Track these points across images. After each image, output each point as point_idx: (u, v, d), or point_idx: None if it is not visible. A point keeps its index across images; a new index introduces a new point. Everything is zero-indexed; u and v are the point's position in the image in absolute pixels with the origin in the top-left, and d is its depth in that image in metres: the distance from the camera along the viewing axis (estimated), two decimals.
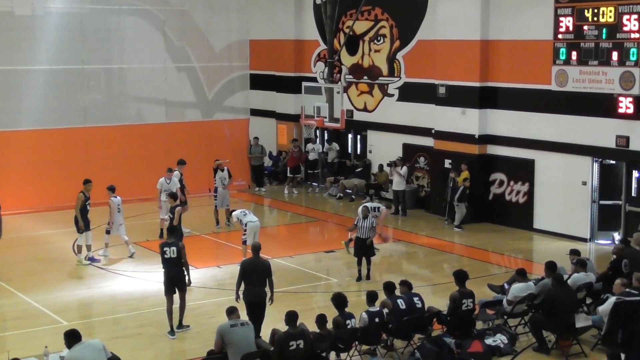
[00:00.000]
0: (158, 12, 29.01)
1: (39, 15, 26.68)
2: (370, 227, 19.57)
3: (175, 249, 15.77)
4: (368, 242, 19.51)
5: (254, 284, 15.01)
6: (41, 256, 21.54)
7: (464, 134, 25.15)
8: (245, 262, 15.53)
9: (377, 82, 28.85)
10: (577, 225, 22.68)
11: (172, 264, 15.82)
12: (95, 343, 11.88)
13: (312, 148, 30.28)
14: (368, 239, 19.50)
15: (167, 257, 15.79)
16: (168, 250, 15.82)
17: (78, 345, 11.66)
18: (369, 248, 19.62)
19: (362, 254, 19.49)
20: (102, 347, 11.82)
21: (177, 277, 15.89)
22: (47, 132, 26.78)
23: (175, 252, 15.75)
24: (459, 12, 24.93)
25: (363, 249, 19.49)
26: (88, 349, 11.66)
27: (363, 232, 19.51)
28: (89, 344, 11.78)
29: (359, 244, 19.57)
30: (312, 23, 31.18)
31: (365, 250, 19.52)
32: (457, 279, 15.05)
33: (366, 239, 19.47)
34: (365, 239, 19.47)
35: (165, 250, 15.82)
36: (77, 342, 11.69)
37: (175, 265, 15.84)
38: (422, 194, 27.47)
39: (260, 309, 14.98)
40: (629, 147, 21.48)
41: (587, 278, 16.14)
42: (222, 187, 24.13)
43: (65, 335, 11.80)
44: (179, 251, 15.78)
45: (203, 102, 30.33)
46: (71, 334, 11.77)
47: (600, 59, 21.52)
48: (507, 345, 14.83)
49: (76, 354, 11.57)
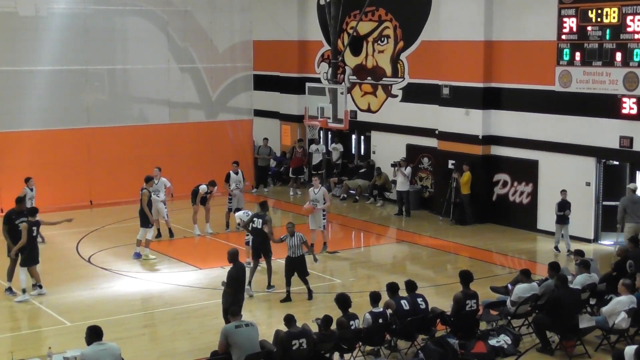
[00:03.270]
0: (161, 12, 29.02)
1: (43, 16, 26.68)
2: (300, 244, 17.79)
3: (261, 221, 18.31)
4: (301, 260, 17.83)
5: (238, 291, 15.29)
6: (45, 257, 21.50)
7: (468, 134, 25.14)
8: (233, 272, 15.44)
9: (380, 83, 28.84)
10: (581, 226, 22.64)
11: (257, 234, 18.29)
12: (115, 348, 11.86)
13: (316, 149, 30.27)
14: (301, 257, 17.83)
15: (254, 226, 18.37)
16: (256, 220, 18.46)
17: (97, 345, 11.66)
18: (302, 267, 17.91)
19: (293, 274, 17.83)
20: (119, 353, 11.83)
21: (261, 244, 18.18)
22: (51, 133, 26.80)
23: (261, 224, 18.26)
24: (463, 13, 24.92)
25: (294, 268, 17.81)
26: (105, 352, 11.65)
27: (294, 251, 17.75)
28: (108, 346, 11.77)
29: (289, 263, 17.85)
30: (316, 24, 31.18)
31: (299, 270, 17.85)
32: (462, 280, 15.05)
33: (298, 257, 17.77)
34: (297, 258, 17.77)
35: (254, 220, 18.48)
36: (98, 340, 11.70)
37: (259, 236, 18.25)
38: (425, 194, 27.46)
39: None
40: (632, 147, 21.46)
41: (590, 279, 16.15)
42: (237, 189, 24.07)
43: (89, 329, 11.80)
44: (264, 223, 18.26)
45: (206, 102, 30.33)
46: (95, 330, 11.78)
47: (603, 60, 21.52)
48: (511, 346, 14.82)
49: (93, 355, 11.58)
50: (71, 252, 22.00)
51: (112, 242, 22.74)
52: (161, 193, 22.87)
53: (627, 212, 20.41)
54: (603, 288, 16.36)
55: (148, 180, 21.54)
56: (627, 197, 20.68)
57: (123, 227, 24.36)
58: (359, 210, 27.69)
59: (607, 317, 14.81)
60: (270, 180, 31.45)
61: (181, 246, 22.79)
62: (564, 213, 21.52)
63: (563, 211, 21.53)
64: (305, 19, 31.65)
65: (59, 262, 21.14)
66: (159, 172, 23.10)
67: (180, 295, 18.46)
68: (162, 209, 22.90)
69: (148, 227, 21.14)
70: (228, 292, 15.21)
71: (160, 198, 22.79)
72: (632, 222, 20.31)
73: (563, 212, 21.53)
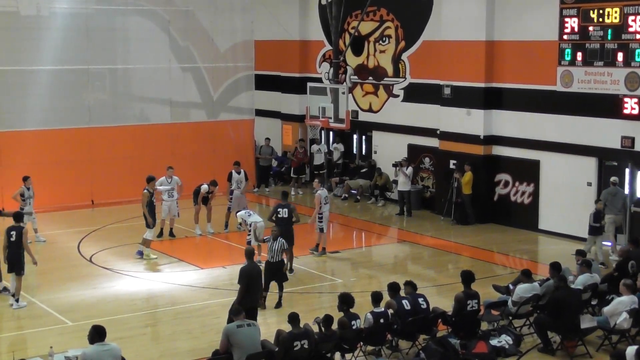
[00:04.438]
0: (163, 12, 29.00)
1: (44, 16, 26.67)
2: (281, 250, 17.51)
3: (287, 210, 19.74)
4: (280, 265, 17.53)
5: (253, 290, 15.16)
6: (46, 256, 21.54)
7: (469, 134, 25.14)
8: (246, 269, 15.42)
9: (382, 83, 28.84)
10: (583, 226, 22.61)
11: (284, 223, 19.48)
12: (116, 349, 11.88)
13: (317, 149, 30.27)
14: (280, 262, 17.50)
15: (280, 216, 19.64)
16: (281, 210, 19.72)
17: (99, 345, 11.69)
18: (282, 273, 17.64)
19: (273, 278, 17.43)
20: (120, 355, 11.87)
21: (287, 232, 19.23)
22: (52, 133, 26.78)
23: (287, 213, 19.71)
24: (464, 13, 24.92)
25: (275, 272, 17.44)
26: (107, 353, 11.68)
27: (273, 255, 17.37)
28: (109, 347, 11.80)
29: (269, 269, 17.33)
30: (317, 23, 31.18)
31: (278, 276, 17.50)
32: (463, 280, 15.05)
33: (277, 262, 17.39)
34: (276, 263, 17.38)
35: (279, 211, 19.71)
36: (100, 340, 11.72)
37: (286, 224, 19.51)
38: (427, 194, 27.46)
39: (254, 314, 15.05)
40: (634, 147, 21.46)
41: (591, 279, 16.15)
42: (237, 190, 24.06)
43: (93, 328, 11.82)
44: (291, 212, 19.75)
45: (208, 102, 30.32)
46: (98, 330, 11.80)
47: (605, 60, 21.50)
48: (512, 346, 14.82)
49: (95, 355, 11.60)
50: (72, 251, 21.99)
51: (114, 242, 22.73)
52: (174, 192, 22.86)
53: (607, 205, 20.98)
54: (604, 288, 16.37)
55: (149, 180, 21.52)
56: (608, 189, 21.25)
57: (124, 227, 24.37)
58: (360, 210, 27.69)
59: (609, 318, 14.81)
60: (271, 180, 31.44)
61: (182, 246, 22.79)
62: (600, 224, 20.64)
63: (599, 222, 20.59)
64: (306, 18, 31.66)
65: (61, 262, 21.14)
66: (172, 171, 23.10)
67: (182, 294, 18.46)
68: (174, 207, 22.91)
69: (149, 227, 21.11)
70: (240, 290, 15.12)
71: (174, 197, 22.80)
72: (612, 213, 21.01)
73: (599, 223, 20.60)
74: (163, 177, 22.77)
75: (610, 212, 20.99)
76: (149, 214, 21.02)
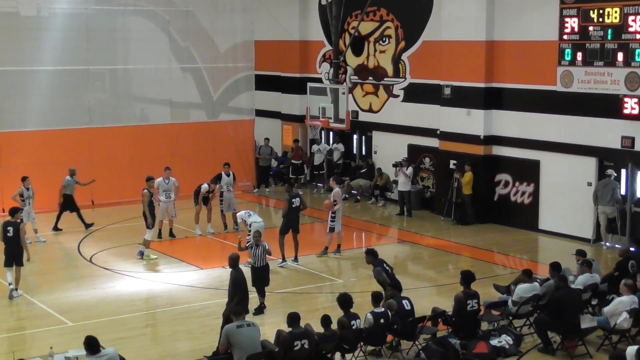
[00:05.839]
0: (163, 12, 29.01)
1: (44, 16, 26.67)
2: (264, 254, 17.21)
3: (299, 199, 20.73)
4: (265, 269, 17.30)
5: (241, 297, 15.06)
6: (46, 256, 21.57)
7: (469, 134, 25.13)
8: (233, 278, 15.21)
9: (382, 83, 28.84)
10: (583, 226, 22.64)
11: (296, 212, 20.70)
12: (113, 355, 11.94)
13: (317, 149, 30.26)
14: (265, 266, 17.27)
15: (294, 206, 20.57)
16: (294, 200, 20.62)
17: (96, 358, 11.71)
18: (265, 275, 17.32)
19: (261, 284, 17.22)
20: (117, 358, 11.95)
21: (297, 222, 20.65)
22: (52, 133, 26.79)
23: (299, 202, 20.69)
24: (464, 13, 24.92)
25: (263, 276, 17.23)
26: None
27: (257, 260, 17.16)
28: (106, 356, 11.83)
29: (254, 273, 17.12)
30: (317, 24, 31.18)
31: (265, 281, 17.34)
32: (463, 280, 15.04)
33: (262, 267, 17.18)
34: (261, 268, 17.17)
35: (293, 201, 20.58)
36: (93, 352, 11.73)
37: (297, 212, 20.69)
38: (427, 194, 27.46)
39: None
40: (634, 147, 21.45)
41: (592, 279, 16.14)
42: (227, 191, 24.07)
43: (85, 343, 11.81)
44: (301, 200, 20.79)
45: (208, 102, 30.32)
46: (89, 343, 11.78)
47: (605, 60, 21.50)
48: (512, 346, 14.82)
49: None
50: (73, 251, 21.99)
51: (114, 242, 22.74)
52: (172, 193, 22.89)
53: (598, 196, 21.63)
54: (605, 288, 16.36)
55: (148, 180, 21.52)
56: (601, 181, 21.83)
57: (124, 227, 24.38)
58: (360, 210, 27.68)
59: (609, 318, 14.81)
60: (271, 180, 31.44)
61: (182, 246, 22.79)
62: None
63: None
64: (306, 19, 31.66)
65: (61, 262, 21.15)
66: (170, 172, 23.12)
67: (182, 295, 18.46)
68: (171, 208, 22.95)
69: (149, 228, 21.11)
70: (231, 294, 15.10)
71: (171, 198, 22.83)
72: (601, 204, 21.61)
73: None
74: (160, 178, 22.78)
75: (600, 203, 21.65)
76: (150, 214, 21.04)
